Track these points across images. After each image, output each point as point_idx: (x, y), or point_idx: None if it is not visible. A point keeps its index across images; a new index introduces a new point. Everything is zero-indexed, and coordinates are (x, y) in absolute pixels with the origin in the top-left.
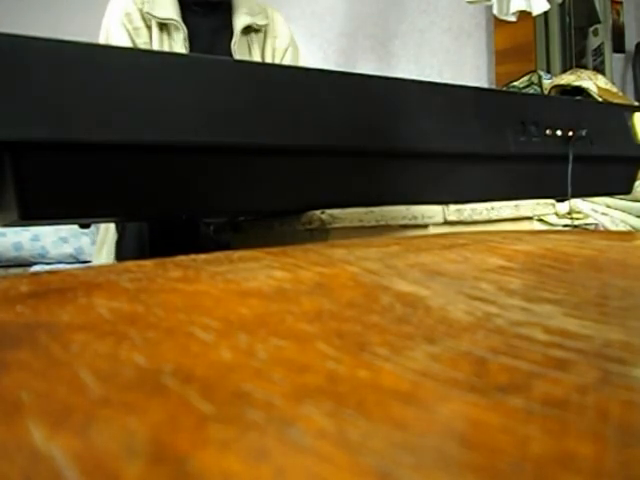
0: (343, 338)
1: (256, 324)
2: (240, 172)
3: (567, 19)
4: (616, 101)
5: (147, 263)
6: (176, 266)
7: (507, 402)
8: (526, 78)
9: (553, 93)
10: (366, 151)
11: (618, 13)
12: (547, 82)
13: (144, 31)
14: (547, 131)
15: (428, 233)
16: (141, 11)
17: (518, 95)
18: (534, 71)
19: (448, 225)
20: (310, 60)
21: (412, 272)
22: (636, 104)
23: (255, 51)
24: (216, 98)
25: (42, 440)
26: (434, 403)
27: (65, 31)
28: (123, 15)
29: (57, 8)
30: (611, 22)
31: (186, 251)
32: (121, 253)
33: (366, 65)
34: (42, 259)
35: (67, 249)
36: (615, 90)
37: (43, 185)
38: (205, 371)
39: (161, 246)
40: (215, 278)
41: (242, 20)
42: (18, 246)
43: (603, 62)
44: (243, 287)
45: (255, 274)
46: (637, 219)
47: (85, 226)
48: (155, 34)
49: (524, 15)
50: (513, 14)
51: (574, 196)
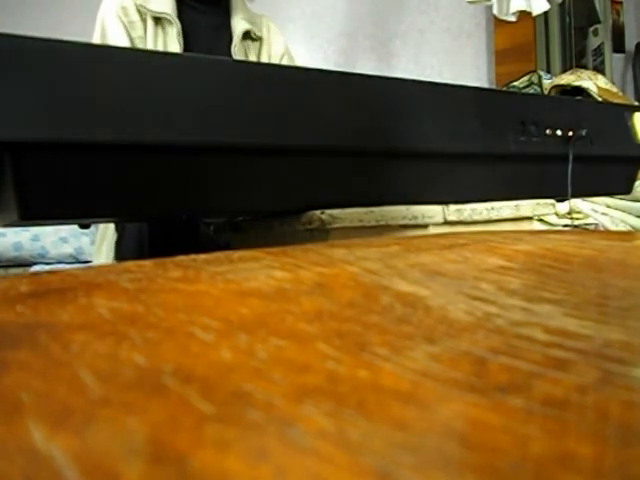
0: (343, 338)
1: (256, 324)
2: (240, 172)
3: (567, 19)
4: (616, 101)
5: (147, 263)
6: (176, 266)
7: (507, 402)
8: (526, 78)
9: (553, 93)
10: (366, 151)
11: (618, 13)
12: (547, 82)
13: (139, 25)
14: (547, 131)
15: (428, 233)
16: (136, 5)
17: (518, 95)
18: (534, 71)
19: (448, 225)
20: (310, 60)
21: (412, 272)
22: (636, 104)
23: (251, 58)
24: (216, 98)
25: (42, 440)
26: (434, 403)
27: (65, 31)
28: (119, 8)
29: (57, 8)
30: (611, 22)
31: (186, 251)
32: (121, 253)
33: (366, 65)
34: (42, 259)
35: (67, 249)
36: (615, 90)
37: (43, 185)
38: (205, 371)
39: (161, 246)
40: (215, 278)
41: (241, 25)
42: (18, 246)
43: (603, 62)
44: (243, 287)
45: (255, 274)
46: (637, 219)
47: (85, 226)
48: (150, 28)
49: (524, 15)
50: (513, 14)
51: (574, 196)
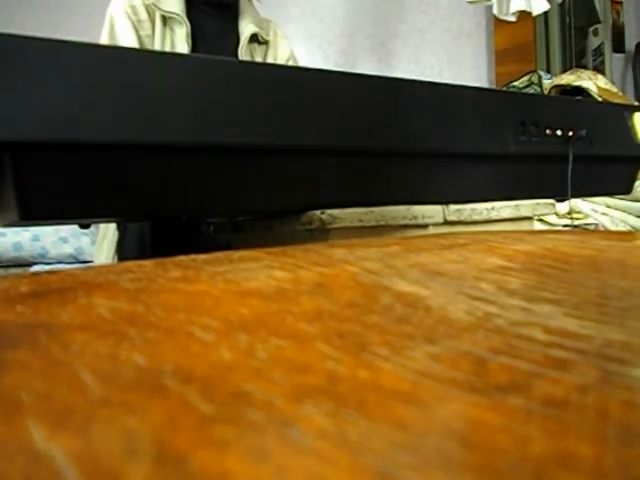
0: (343, 338)
1: (256, 324)
2: (240, 172)
3: (567, 19)
4: (616, 101)
5: (147, 263)
6: (176, 266)
7: (507, 402)
8: (526, 78)
9: (553, 93)
10: (366, 151)
11: (618, 13)
12: (547, 82)
13: (147, 24)
14: (547, 131)
15: (428, 233)
16: (145, 4)
17: (518, 95)
18: (534, 71)
19: (448, 225)
20: (310, 60)
21: (412, 272)
22: (636, 104)
23: (257, 60)
24: (216, 98)
25: (42, 440)
26: (434, 403)
27: (66, 31)
28: (128, 7)
29: (58, 9)
30: (611, 22)
31: (187, 251)
32: (122, 253)
33: (366, 65)
34: (42, 259)
35: (67, 249)
36: (615, 90)
37: (43, 185)
38: (205, 371)
39: (162, 246)
40: (215, 278)
41: (249, 28)
42: (18, 246)
43: (603, 62)
44: (243, 287)
45: (255, 274)
46: (637, 219)
47: (85, 226)
48: (158, 28)
49: (524, 15)
50: (513, 14)
51: (574, 196)
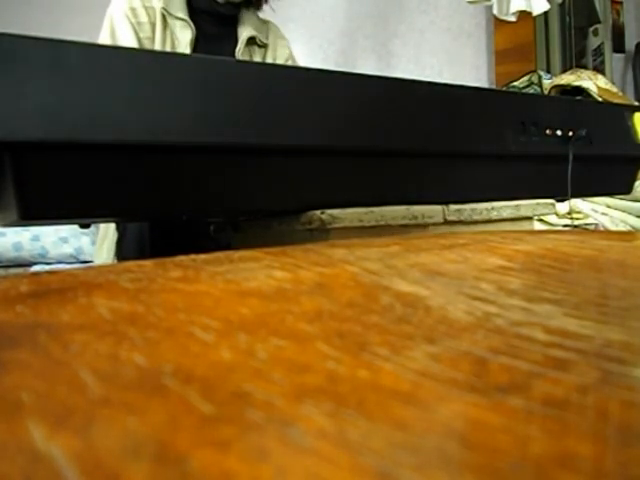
0: (343, 338)
1: (256, 324)
2: (240, 172)
3: (567, 19)
4: (616, 101)
5: (147, 263)
6: (176, 266)
7: (507, 402)
8: (526, 78)
9: (553, 93)
10: (366, 151)
11: (618, 13)
12: (547, 82)
13: (147, 26)
14: (547, 131)
15: (428, 233)
16: (145, 6)
17: (518, 95)
18: (534, 71)
19: (448, 225)
20: (310, 60)
21: (412, 272)
22: (636, 104)
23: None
24: (216, 98)
25: (42, 440)
26: (434, 403)
27: (65, 31)
28: (128, 8)
29: (57, 8)
30: (611, 22)
31: (187, 251)
32: (122, 253)
33: (366, 65)
34: (42, 259)
35: (67, 249)
36: (615, 90)
37: (43, 185)
38: (205, 371)
39: (162, 246)
40: (215, 278)
41: (247, 31)
42: (18, 246)
43: (603, 62)
44: (243, 287)
45: (255, 274)
46: (637, 219)
47: (85, 226)
48: (159, 30)
49: (524, 15)
50: (513, 14)
51: (574, 196)
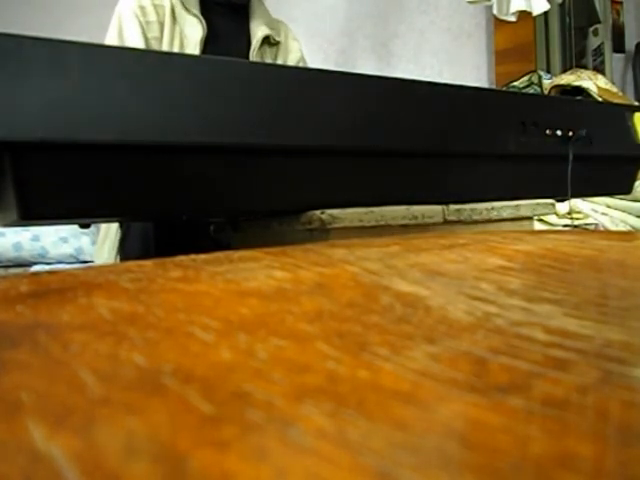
0: (343, 338)
1: (256, 324)
2: (240, 172)
3: (567, 19)
4: (616, 101)
5: (147, 263)
6: (176, 266)
7: (507, 402)
8: (526, 78)
9: (553, 93)
10: (366, 151)
11: (618, 13)
12: (547, 82)
13: (156, 25)
14: (547, 131)
15: (428, 233)
16: (155, 4)
17: (518, 95)
18: (534, 71)
19: (448, 225)
20: (310, 60)
21: (412, 272)
22: (636, 104)
23: (267, 62)
24: (216, 99)
25: (42, 440)
26: (434, 403)
27: (65, 31)
28: (137, 7)
29: (58, 8)
30: (611, 22)
31: (186, 251)
32: (125, 252)
33: (366, 65)
34: (42, 259)
35: (67, 249)
36: (615, 90)
37: (43, 185)
38: (205, 371)
39: (164, 246)
40: (215, 278)
41: (261, 30)
42: (18, 246)
43: (603, 62)
44: (243, 287)
45: (255, 274)
46: (637, 219)
47: (85, 226)
48: (167, 29)
49: (524, 15)
50: (513, 14)
51: (574, 196)
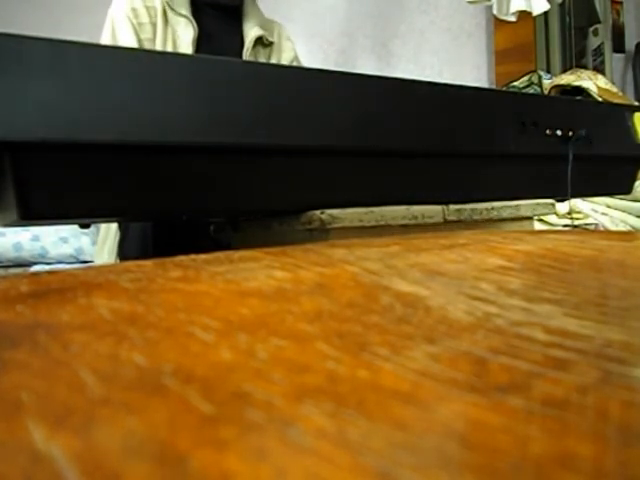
0: (343, 338)
1: (256, 324)
2: (240, 172)
3: (567, 19)
4: (616, 101)
5: (147, 263)
6: (176, 266)
7: (507, 402)
8: (526, 78)
9: (553, 93)
10: (366, 151)
11: (618, 13)
12: (547, 82)
13: (148, 27)
14: (547, 131)
15: (428, 233)
16: (147, 6)
17: (518, 95)
18: (534, 71)
19: (448, 225)
20: (310, 60)
21: (412, 272)
22: (636, 104)
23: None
24: (216, 98)
25: (42, 440)
26: (434, 403)
27: (65, 31)
28: (129, 9)
29: (58, 8)
30: (611, 22)
31: (190, 251)
32: (124, 253)
33: (366, 65)
34: (42, 259)
35: (67, 249)
36: (615, 90)
37: (43, 185)
38: (205, 371)
39: (163, 246)
40: (215, 278)
41: (254, 31)
42: (18, 246)
43: (603, 62)
44: (243, 287)
45: (255, 274)
46: (637, 219)
47: (85, 226)
48: (160, 30)
49: (524, 15)
50: (513, 14)
51: (574, 196)
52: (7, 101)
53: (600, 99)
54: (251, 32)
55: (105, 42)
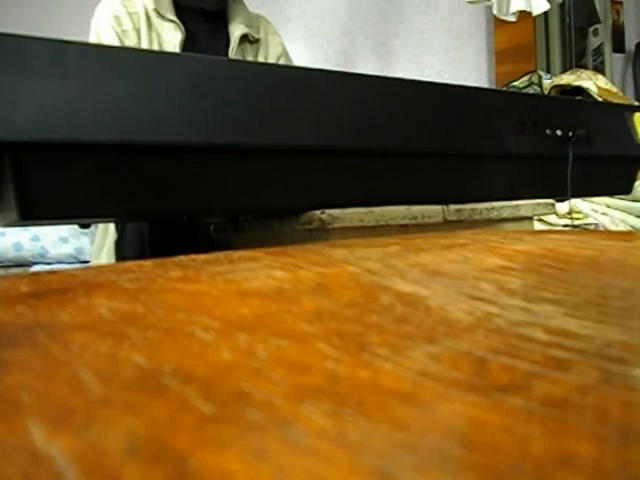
0: (343, 338)
1: (256, 324)
2: (240, 172)
3: (567, 19)
4: (616, 101)
5: (147, 263)
6: (176, 266)
7: (507, 402)
8: (526, 78)
9: (553, 93)
10: (366, 151)
11: (618, 13)
12: (547, 82)
13: (132, 33)
14: (547, 131)
15: (428, 233)
16: (129, 12)
17: (518, 95)
18: (534, 71)
19: (448, 225)
20: (310, 60)
21: (412, 272)
22: (636, 104)
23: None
24: (216, 98)
25: (42, 440)
26: (434, 403)
27: (65, 31)
28: (112, 18)
29: (57, 8)
30: (611, 22)
31: (187, 251)
32: (121, 253)
33: (366, 65)
34: (42, 259)
35: (67, 249)
36: (615, 90)
37: (43, 185)
38: (205, 371)
39: (161, 246)
40: (215, 278)
41: (239, 29)
42: (18, 246)
43: (603, 62)
44: (243, 287)
45: (255, 274)
46: (637, 219)
47: (85, 226)
48: (144, 36)
49: (524, 15)
50: (513, 14)
51: (574, 196)
52: (7, 101)
53: (600, 99)
54: (236, 30)
55: None
